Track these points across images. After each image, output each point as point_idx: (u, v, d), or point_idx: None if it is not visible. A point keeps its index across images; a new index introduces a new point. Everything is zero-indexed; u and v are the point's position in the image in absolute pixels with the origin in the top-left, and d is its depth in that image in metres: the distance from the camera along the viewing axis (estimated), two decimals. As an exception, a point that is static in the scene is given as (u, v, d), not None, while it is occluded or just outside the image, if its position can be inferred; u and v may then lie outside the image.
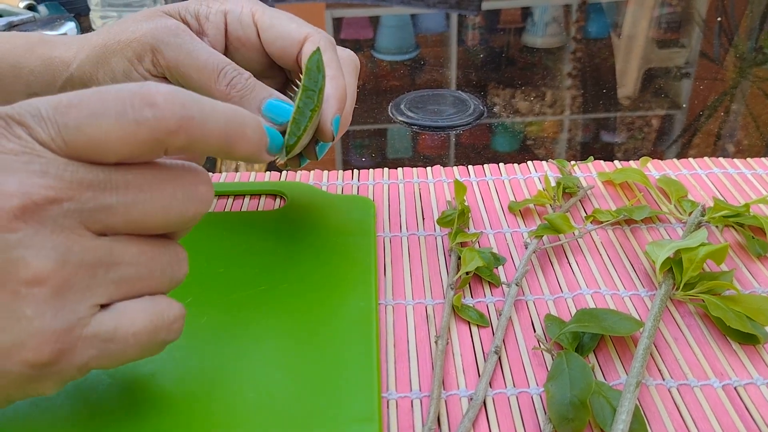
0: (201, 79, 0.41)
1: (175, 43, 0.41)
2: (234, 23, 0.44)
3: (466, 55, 1.04)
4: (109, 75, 0.43)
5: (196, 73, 0.41)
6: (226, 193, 0.56)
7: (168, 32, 0.41)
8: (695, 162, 0.59)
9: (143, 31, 0.42)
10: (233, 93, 0.41)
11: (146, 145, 0.27)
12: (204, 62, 0.41)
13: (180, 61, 0.41)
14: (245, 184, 0.57)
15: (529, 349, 0.41)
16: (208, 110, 0.28)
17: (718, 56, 1.01)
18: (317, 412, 0.36)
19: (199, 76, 0.41)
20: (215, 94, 0.41)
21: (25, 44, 0.46)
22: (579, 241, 0.50)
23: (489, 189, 0.56)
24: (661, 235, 0.50)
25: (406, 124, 0.68)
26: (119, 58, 0.42)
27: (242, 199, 0.55)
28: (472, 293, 0.45)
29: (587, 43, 1.05)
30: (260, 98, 0.41)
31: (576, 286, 0.45)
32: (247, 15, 0.44)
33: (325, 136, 0.42)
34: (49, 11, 0.92)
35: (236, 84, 0.41)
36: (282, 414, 0.36)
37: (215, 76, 0.41)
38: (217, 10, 0.44)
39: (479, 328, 0.43)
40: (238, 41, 0.45)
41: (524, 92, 0.85)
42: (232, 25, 0.44)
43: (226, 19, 0.44)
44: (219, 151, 0.30)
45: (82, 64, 0.43)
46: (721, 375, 0.39)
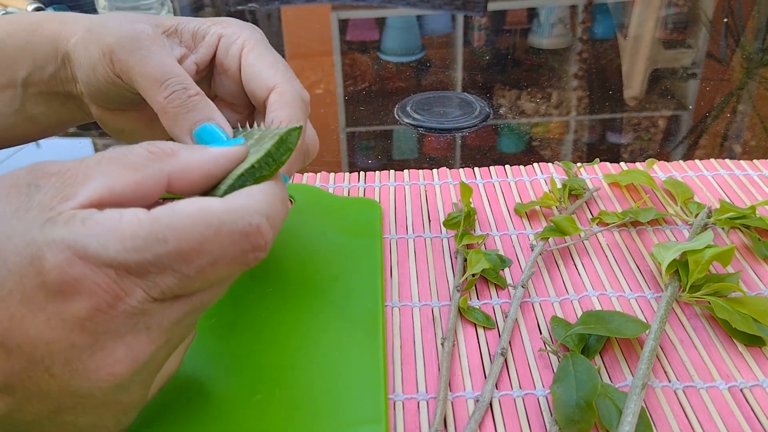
0: (146, 86, 0.41)
1: (132, 47, 0.41)
2: (222, 49, 0.44)
3: (472, 56, 1.04)
4: (85, 60, 0.44)
5: (141, 80, 0.41)
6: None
7: (130, 37, 0.41)
8: (701, 164, 0.59)
9: (113, 31, 0.42)
10: (169, 107, 0.40)
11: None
12: (151, 70, 0.41)
13: (130, 65, 0.41)
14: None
15: (535, 350, 0.41)
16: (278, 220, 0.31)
17: (725, 57, 1.01)
18: (324, 413, 0.36)
19: (144, 83, 0.41)
20: (154, 104, 0.41)
21: (37, 21, 0.48)
22: (585, 243, 0.50)
23: (495, 191, 0.56)
24: (667, 237, 0.50)
25: (412, 126, 0.68)
26: (95, 47, 0.43)
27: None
28: (478, 295, 0.46)
29: (593, 44, 1.05)
30: (195, 120, 0.40)
31: (582, 288, 0.46)
32: (237, 47, 0.44)
33: None
34: (57, 14, 0.92)
35: (175, 99, 0.40)
36: (289, 415, 0.36)
37: (158, 86, 0.40)
38: (214, 32, 0.44)
39: (485, 330, 0.43)
40: (221, 67, 0.45)
41: (530, 93, 0.85)
42: (221, 51, 0.44)
43: (219, 43, 0.44)
44: None
45: (76, 42, 0.45)
46: (727, 377, 0.39)
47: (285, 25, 1.16)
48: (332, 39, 1.13)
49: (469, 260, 0.46)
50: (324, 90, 0.91)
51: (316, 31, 1.14)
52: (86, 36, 0.44)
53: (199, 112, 0.40)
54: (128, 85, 0.42)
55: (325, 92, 0.94)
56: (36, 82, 0.48)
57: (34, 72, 0.48)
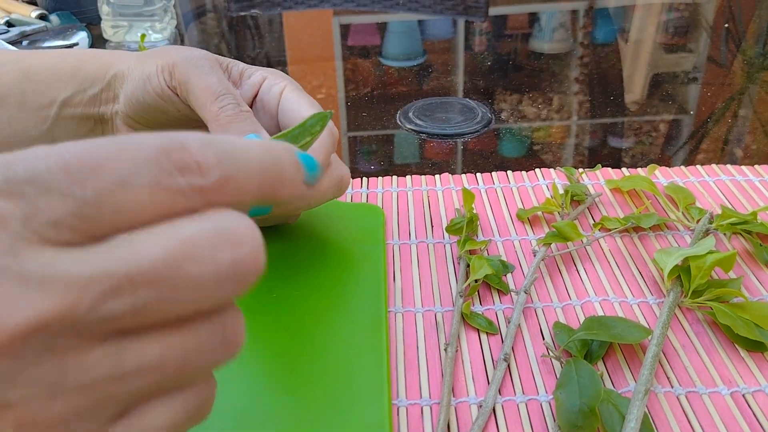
0: (202, 97, 0.44)
1: (194, 64, 0.45)
2: (266, 88, 0.49)
3: (473, 60, 1.05)
4: (139, 74, 0.47)
5: (199, 91, 0.44)
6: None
7: (194, 56, 0.46)
8: (703, 169, 0.59)
9: (177, 52, 0.46)
10: (222, 116, 0.43)
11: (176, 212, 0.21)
12: (209, 84, 0.44)
13: (190, 78, 0.45)
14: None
15: (538, 356, 0.41)
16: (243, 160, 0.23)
17: (726, 61, 1.01)
18: (328, 419, 0.36)
19: (200, 94, 0.44)
20: (206, 113, 0.44)
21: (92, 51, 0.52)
22: (587, 248, 0.50)
23: (497, 196, 0.57)
24: (669, 243, 0.50)
25: (414, 131, 0.68)
26: (153, 61, 0.47)
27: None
28: (480, 301, 0.46)
29: (594, 49, 1.05)
30: (243, 130, 0.43)
31: (584, 293, 0.46)
32: (279, 87, 0.48)
33: None
34: (60, 21, 0.93)
35: (228, 109, 0.44)
36: (293, 421, 0.36)
37: (213, 98, 0.44)
38: (259, 74, 0.49)
39: (488, 336, 0.43)
40: (262, 103, 0.49)
41: (531, 98, 0.86)
42: (264, 89, 0.49)
43: (262, 84, 0.49)
44: (257, 202, 0.24)
45: (130, 64, 0.49)
46: (729, 382, 0.39)
47: (287, 31, 1.17)
48: (333, 44, 1.13)
49: (471, 266, 0.46)
50: (326, 95, 0.91)
51: (318, 36, 1.15)
52: (144, 58, 0.48)
53: (248, 125, 0.43)
54: (176, 100, 0.46)
55: (327, 96, 0.94)
56: (75, 103, 0.51)
57: (77, 93, 0.51)
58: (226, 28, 1.14)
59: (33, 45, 0.85)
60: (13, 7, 0.99)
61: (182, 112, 0.47)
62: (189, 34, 1.06)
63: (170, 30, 0.93)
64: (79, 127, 0.52)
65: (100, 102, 0.51)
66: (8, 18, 0.92)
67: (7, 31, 0.86)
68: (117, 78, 0.50)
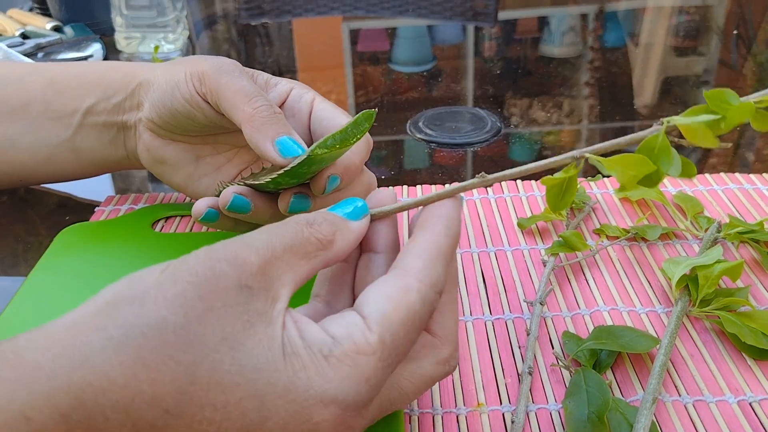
0: (234, 99, 0.45)
1: (224, 70, 0.46)
2: (295, 97, 0.49)
3: (483, 66, 1.05)
4: (166, 81, 0.49)
5: (231, 94, 0.45)
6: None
7: (224, 63, 0.47)
8: (711, 178, 0.60)
9: (206, 61, 0.47)
10: (257, 116, 0.44)
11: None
12: (241, 87, 0.45)
13: (221, 83, 0.45)
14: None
15: (547, 365, 0.42)
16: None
17: (737, 65, 1.01)
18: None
19: (233, 97, 0.45)
20: (240, 114, 0.44)
21: (117, 62, 0.55)
22: (596, 257, 0.50)
23: (506, 206, 0.57)
24: (677, 252, 0.51)
25: (424, 141, 0.69)
26: (180, 69, 0.48)
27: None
28: (491, 310, 0.46)
29: (604, 53, 1.05)
30: (277, 131, 0.43)
31: (593, 302, 0.46)
32: (310, 97, 0.49)
33: (317, 187, 0.43)
34: (75, 32, 0.94)
35: (263, 110, 0.44)
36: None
37: (247, 100, 0.44)
38: (285, 84, 0.50)
39: (498, 344, 0.44)
40: (291, 111, 0.49)
41: (541, 102, 0.86)
42: (293, 98, 0.49)
43: (290, 93, 0.49)
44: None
45: (156, 73, 0.51)
46: (736, 391, 0.39)
47: (297, 37, 1.18)
48: (343, 50, 1.14)
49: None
50: (335, 100, 0.92)
51: (328, 43, 1.16)
52: (171, 66, 0.49)
53: (281, 126, 0.44)
54: (204, 107, 0.47)
55: (337, 102, 0.95)
56: (98, 111, 0.53)
57: (101, 101, 0.53)
58: (236, 37, 1.15)
59: (48, 57, 0.86)
60: (28, 19, 1.00)
61: (209, 119, 0.48)
62: (200, 42, 1.07)
63: (183, 41, 0.94)
64: (101, 135, 0.54)
65: (123, 110, 0.53)
66: (23, 30, 0.94)
67: (22, 43, 0.87)
68: (142, 86, 0.51)
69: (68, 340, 0.26)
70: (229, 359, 0.26)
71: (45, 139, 0.54)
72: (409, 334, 0.30)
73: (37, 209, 0.63)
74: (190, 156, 0.52)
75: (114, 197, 0.61)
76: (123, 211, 0.59)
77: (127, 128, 0.53)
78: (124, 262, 0.52)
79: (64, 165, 0.56)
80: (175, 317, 0.26)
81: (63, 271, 0.51)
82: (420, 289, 0.31)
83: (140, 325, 0.26)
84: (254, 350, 0.27)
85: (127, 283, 0.28)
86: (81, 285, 0.50)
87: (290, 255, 0.30)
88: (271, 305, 0.28)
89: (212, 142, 0.52)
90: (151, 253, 0.53)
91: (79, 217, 0.59)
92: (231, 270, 0.28)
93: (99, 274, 0.51)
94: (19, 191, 0.64)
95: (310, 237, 0.31)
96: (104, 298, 0.27)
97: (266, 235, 0.30)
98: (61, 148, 0.55)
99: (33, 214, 0.62)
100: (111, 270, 0.51)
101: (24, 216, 0.62)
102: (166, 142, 0.52)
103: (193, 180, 0.52)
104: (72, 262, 0.52)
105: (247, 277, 0.28)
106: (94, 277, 0.51)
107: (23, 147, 0.55)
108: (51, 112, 0.54)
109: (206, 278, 0.27)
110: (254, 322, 0.27)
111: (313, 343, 0.28)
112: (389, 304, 0.30)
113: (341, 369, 0.28)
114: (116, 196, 0.62)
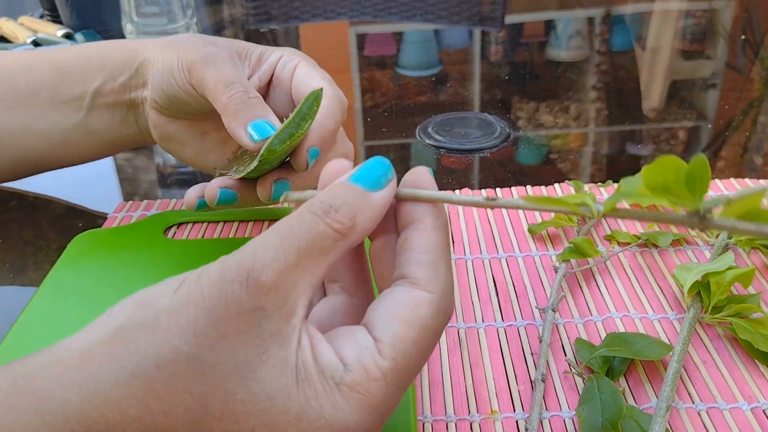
0: (214, 90, 0.47)
1: (210, 61, 0.48)
2: (280, 66, 0.51)
3: (489, 70, 1.06)
4: (164, 65, 0.50)
5: (212, 86, 0.47)
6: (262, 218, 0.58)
7: (209, 54, 0.48)
8: (721, 183, 0.60)
9: (194, 50, 0.49)
10: (231, 105, 0.46)
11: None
12: (221, 78, 0.47)
13: (205, 75, 0.48)
14: (277, 210, 0.59)
15: (560, 372, 0.42)
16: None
17: (744, 69, 1.01)
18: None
19: (213, 88, 0.47)
20: (218, 105, 0.47)
21: (116, 41, 0.56)
22: (607, 263, 0.51)
23: (517, 211, 0.57)
24: (688, 258, 0.51)
25: (433, 146, 0.69)
26: (174, 54, 0.50)
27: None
28: (503, 317, 0.47)
29: (611, 56, 1.05)
30: (252, 115, 0.46)
31: (605, 309, 0.46)
32: (293, 63, 0.51)
33: (298, 163, 0.45)
34: (86, 39, 0.95)
35: (236, 98, 0.46)
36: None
37: (224, 88, 0.47)
38: (276, 54, 0.52)
39: (510, 349, 0.44)
40: (277, 80, 0.51)
41: (548, 106, 0.86)
42: (278, 68, 0.51)
43: (277, 62, 0.51)
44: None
45: (155, 52, 0.52)
46: (749, 398, 0.39)
47: (303, 42, 1.18)
48: (350, 54, 1.14)
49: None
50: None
51: (335, 48, 1.16)
52: (166, 48, 0.51)
53: (255, 110, 0.46)
54: (197, 95, 0.49)
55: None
56: (106, 92, 0.54)
57: (107, 81, 0.54)
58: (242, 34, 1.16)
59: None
60: (39, 26, 1.01)
61: (203, 106, 0.50)
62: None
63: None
64: (112, 115, 0.55)
65: (130, 88, 0.54)
66: (35, 38, 0.94)
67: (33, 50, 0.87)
68: (144, 65, 0.52)
69: (80, 369, 0.26)
70: (242, 389, 0.26)
71: (57, 124, 0.55)
72: (422, 351, 0.29)
73: (44, 213, 0.63)
74: (195, 132, 0.54)
75: (125, 204, 0.62)
76: (135, 217, 0.60)
77: (136, 106, 0.55)
78: (138, 270, 0.52)
79: (79, 147, 0.57)
80: (187, 347, 0.26)
81: (77, 279, 0.51)
82: (431, 302, 0.30)
83: (152, 355, 0.26)
84: (267, 377, 0.26)
85: (139, 306, 0.27)
86: (96, 293, 0.50)
87: (306, 258, 0.28)
88: (285, 322, 0.27)
89: (215, 117, 0.51)
90: (164, 260, 0.54)
91: (89, 222, 0.59)
92: (243, 293, 0.26)
93: (113, 282, 0.51)
94: (27, 197, 0.65)
95: (327, 230, 0.29)
96: (116, 322, 0.27)
97: (279, 240, 0.28)
98: (74, 131, 0.56)
99: (41, 218, 0.63)
100: (125, 278, 0.51)
101: (33, 220, 0.62)
102: (171, 119, 0.53)
103: (202, 155, 0.55)
104: (86, 269, 0.52)
105: (259, 299, 0.27)
106: (109, 285, 0.51)
107: (37, 133, 0.56)
108: (60, 97, 0.55)
109: (218, 303, 0.26)
110: (268, 345, 0.27)
111: (326, 368, 0.27)
112: (400, 325, 0.29)
113: (352, 398, 0.27)
114: (128, 202, 0.62)
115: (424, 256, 0.30)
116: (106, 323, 0.27)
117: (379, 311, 0.30)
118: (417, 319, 0.29)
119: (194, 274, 0.27)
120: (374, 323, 0.29)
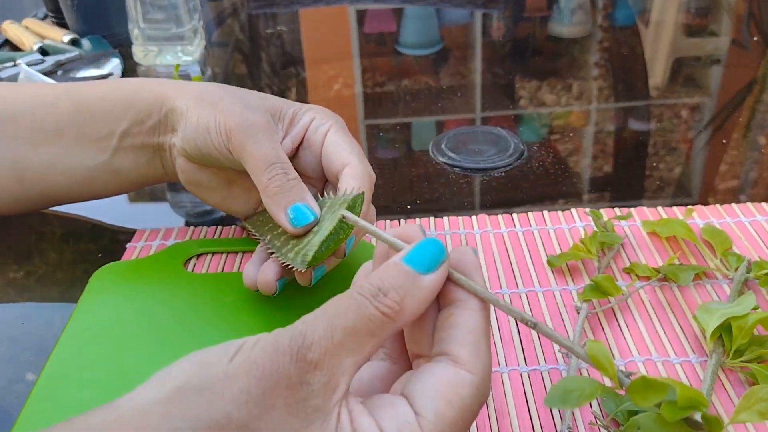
0: (254, 166, 0.48)
1: (249, 132, 0.48)
2: (312, 129, 0.52)
3: (491, 46, 1.05)
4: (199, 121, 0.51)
5: (252, 160, 0.48)
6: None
7: (249, 124, 0.49)
8: (738, 208, 0.60)
9: (233, 116, 0.49)
10: (271, 187, 0.47)
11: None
12: (261, 154, 0.48)
13: (245, 147, 0.48)
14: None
15: (585, 423, 0.43)
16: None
17: (748, 45, 1.01)
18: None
19: (253, 163, 0.48)
20: (258, 183, 0.48)
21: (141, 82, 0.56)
22: (628, 300, 0.51)
23: (534, 240, 0.58)
24: (708, 294, 0.51)
25: (447, 165, 0.69)
26: (210, 113, 0.50)
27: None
28: (526, 361, 0.47)
29: (614, 32, 1.05)
30: (290, 199, 0.47)
31: (628, 352, 0.47)
32: (324, 128, 0.52)
33: (337, 254, 0.49)
34: (92, 45, 0.93)
35: (276, 180, 0.47)
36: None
37: (265, 168, 0.48)
38: (308, 116, 0.53)
39: (534, 394, 0.44)
40: (308, 143, 0.52)
41: (550, 85, 0.87)
42: (310, 131, 0.52)
43: (309, 125, 0.52)
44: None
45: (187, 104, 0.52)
46: (772, 449, 0.41)
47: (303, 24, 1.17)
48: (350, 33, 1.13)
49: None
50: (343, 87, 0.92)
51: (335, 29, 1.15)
52: (199, 103, 0.51)
53: (294, 194, 0.47)
54: (232, 157, 0.50)
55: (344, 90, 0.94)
56: (134, 134, 0.55)
57: (135, 124, 0.54)
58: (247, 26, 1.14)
59: (67, 74, 0.85)
60: (44, 30, 0.99)
61: (235, 165, 0.51)
62: (213, 50, 1.06)
63: (200, 52, 0.93)
64: (138, 157, 0.56)
65: (158, 133, 0.54)
66: (41, 44, 0.93)
67: (42, 61, 0.87)
68: (174, 113, 0.53)
69: (139, 427, 0.28)
70: None
71: (82, 162, 0.56)
72: (460, 431, 0.31)
73: (66, 236, 0.64)
74: (222, 180, 0.55)
75: (144, 232, 0.62)
76: (154, 247, 0.60)
77: (163, 150, 0.55)
78: (160, 305, 0.53)
79: (104, 185, 0.57)
80: (239, 414, 0.28)
81: (102, 315, 0.52)
82: (473, 383, 0.31)
83: (206, 419, 0.27)
84: None
85: (196, 369, 0.29)
86: (121, 330, 0.51)
87: (352, 339, 0.30)
88: (328, 398, 0.29)
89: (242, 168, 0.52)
90: (186, 294, 0.54)
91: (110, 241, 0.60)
92: (293, 368, 0.28)
93: (137, 318, 0.52)
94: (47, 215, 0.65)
95: (375, 312, 0.30)
96: (174, 383, 0.29)
97: (327, 320, 0.30)
98: (99, 170, 0.56)
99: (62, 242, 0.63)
100: (149, 314, 0.52)
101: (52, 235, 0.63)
102: (199, 167, 0.54)
103: (227, 201, 0.55)
104: (109, 304, 0.53)
105: (306, 374, 0.29)
106: (133, 321, 0.52)
107: (60, 171, 0.56)
108: (85, 136, 0.55)
109: (270, 375, 0.28)
110: (312, 419, 0.29)
111: None
112: (442, 404, 0.30)
113: None
114: (146, 230, 0.62)
115: (468, 336, 0.32)
116: (164, 383, 0.29)
117: (420, 386, 0.31)
118: (458, 399, 0.30)
119: (250, 342, 0.30)
120: (415, 397, 0.31)
